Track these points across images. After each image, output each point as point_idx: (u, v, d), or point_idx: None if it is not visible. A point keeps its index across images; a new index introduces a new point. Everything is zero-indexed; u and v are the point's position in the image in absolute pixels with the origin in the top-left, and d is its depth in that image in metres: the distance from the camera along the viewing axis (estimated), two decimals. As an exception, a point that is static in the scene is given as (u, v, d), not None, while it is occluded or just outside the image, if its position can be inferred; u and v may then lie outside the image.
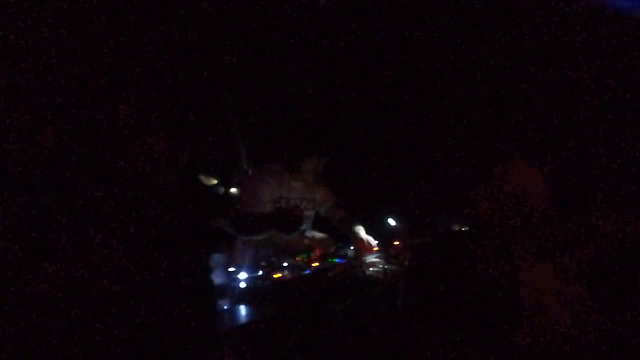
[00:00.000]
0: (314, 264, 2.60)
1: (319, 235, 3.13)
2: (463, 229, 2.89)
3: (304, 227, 3.09)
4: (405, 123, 4.17)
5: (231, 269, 2.31)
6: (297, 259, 2.71)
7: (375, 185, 4.20)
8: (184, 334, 1.67)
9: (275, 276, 2.38)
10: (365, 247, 2.89)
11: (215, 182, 2.86)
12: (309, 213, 3.18)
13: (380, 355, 1.97)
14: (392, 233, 3.07)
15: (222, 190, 3.20)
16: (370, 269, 2.54)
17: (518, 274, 1.40)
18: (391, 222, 3.11)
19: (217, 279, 2.09)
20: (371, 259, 2.74)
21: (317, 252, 2.71)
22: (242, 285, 2.27)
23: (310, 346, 2.03)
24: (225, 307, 2.05)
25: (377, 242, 2.96)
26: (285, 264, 2.55)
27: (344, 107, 4.10)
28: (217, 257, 2.45)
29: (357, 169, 4.22)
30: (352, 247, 2.91)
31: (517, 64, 3.46)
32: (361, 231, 3.00)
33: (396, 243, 2.93)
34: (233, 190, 3.47)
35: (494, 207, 1.47)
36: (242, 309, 2.12)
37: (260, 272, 2.43)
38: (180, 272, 1.79)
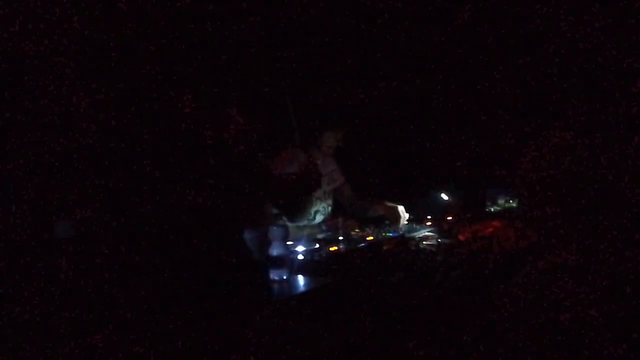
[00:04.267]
0: (368, 238, 2.66)
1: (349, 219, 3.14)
2: (512, 202, 2.88)
3: (323, 204, 3.15)
4: (450, 97, 4.13)
5: (290, 242, 2.41)
6: (352, 232, 2.79)
7: (427, 160, 4.21)
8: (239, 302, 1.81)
9: (331, 249, 2.47)
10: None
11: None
12: (329, 188, 3.21)
13: (434, 327, 2.03)
14: (445, 207, 3.09)
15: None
16: (424, 242, 2.59)
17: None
18: (444, 196, 3.13)
19: (276, 250, 2.21)
20: (425, 232, 2.79)
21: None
22: (300, 257, 2.37)
23: (365, 317, 2.11)
24: (285, 277, 2.16)
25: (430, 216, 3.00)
26: (340, 238, 2.64)
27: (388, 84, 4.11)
28: (276, 231, 2.56)
29: (408, 144, 4.24)
30: (406, 222, 2.96)
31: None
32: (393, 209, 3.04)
33: (449, 217, 2.96)
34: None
35: (541, 180, 1.45)
36: (300, 279, 2.23)
37: (317, 245, 2.52)
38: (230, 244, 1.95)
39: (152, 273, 1.91)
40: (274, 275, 2.10)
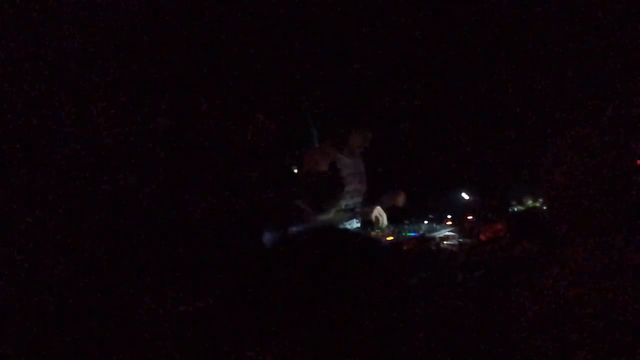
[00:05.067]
0: (388, 238, 2.65)
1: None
2: (535, 201, 2.83)
3: (354, 201, 3.19)
4: (471, 98, 4.09)
5: None
6: (372, 233, 2.78)
7: (447, 160, 4.17)
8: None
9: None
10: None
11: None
12: (360, 187, 3.27)
13: (455, 327, 2.00)
14: (465, 207, 3.06)
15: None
16: (445, 242, 2.56)
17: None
18: (464, 196, 3.10)
19: None
20: (445, 232, 2.76)
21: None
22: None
23: (385, 317, 2.09)
24: None
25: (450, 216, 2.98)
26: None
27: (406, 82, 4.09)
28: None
29: (428, 145, 4.21)
30: (425, 222, 2.94)
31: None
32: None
33: (470, 217, 2.92)
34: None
35: (565, 178, 1.44)
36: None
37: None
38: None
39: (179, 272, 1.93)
40: None
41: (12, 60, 2.25)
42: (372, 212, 3.02)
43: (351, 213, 3.06)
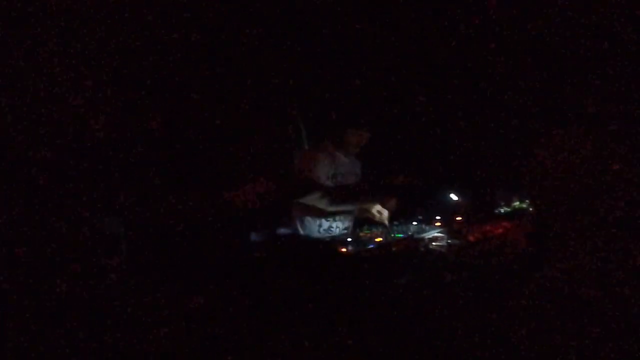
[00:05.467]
0: (377, 239, 2.65)
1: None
2: (522, 203, 2.85)
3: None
4: (459, 97, 4.11)
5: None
6: (361, 234, 2.78)
7: (436, 160, 4.18)
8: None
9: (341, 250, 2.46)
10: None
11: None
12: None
13: (444, 329, 2.01)
14: (454, 208, 3.06)
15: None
16: (434, 243, 2.56)
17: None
18: (453, 197, 3.10)
19: None
20: (434, 233, 2.76)
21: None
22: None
23: (373, 318, 2.10)
24: None
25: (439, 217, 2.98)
26: (349, 239, 2.62)
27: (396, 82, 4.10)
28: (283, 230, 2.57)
29: (416, 145, 4.22)
30: (414, 223, 2.94)
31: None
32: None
33: (458, 218, 2.93)
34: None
35: (552, 180, 1.45)
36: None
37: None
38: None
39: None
40: None
41: (10, 60, 2.23)
42: (371, 208, 2.98)
43: (347, 210, 3.07)
